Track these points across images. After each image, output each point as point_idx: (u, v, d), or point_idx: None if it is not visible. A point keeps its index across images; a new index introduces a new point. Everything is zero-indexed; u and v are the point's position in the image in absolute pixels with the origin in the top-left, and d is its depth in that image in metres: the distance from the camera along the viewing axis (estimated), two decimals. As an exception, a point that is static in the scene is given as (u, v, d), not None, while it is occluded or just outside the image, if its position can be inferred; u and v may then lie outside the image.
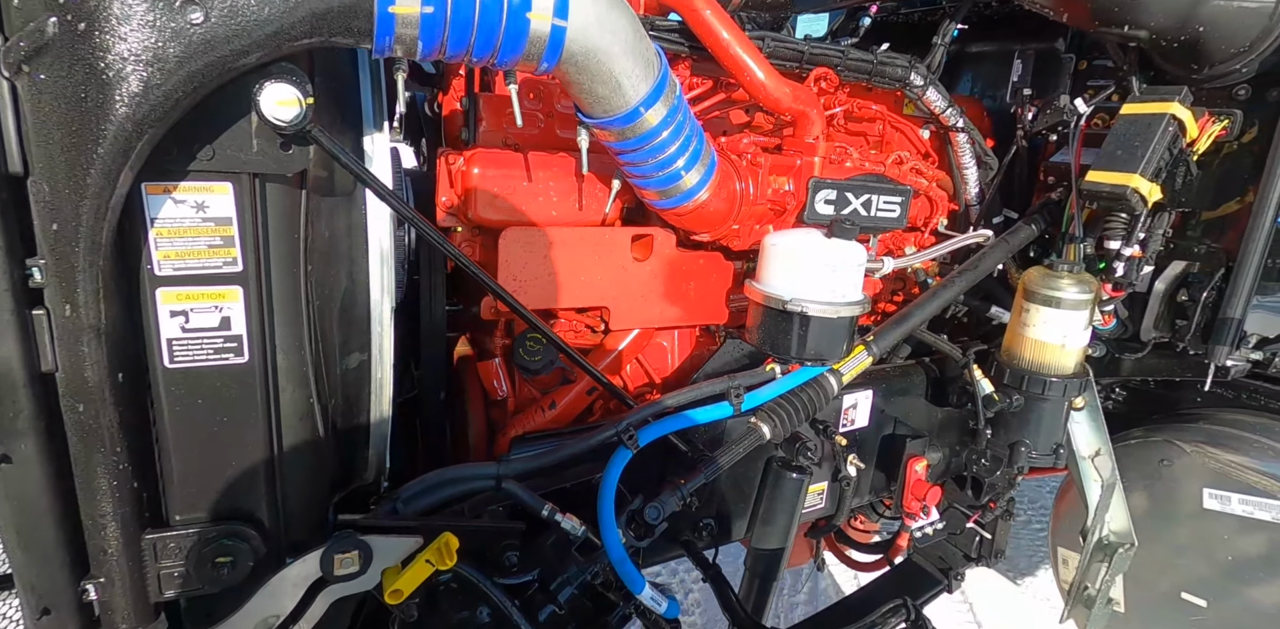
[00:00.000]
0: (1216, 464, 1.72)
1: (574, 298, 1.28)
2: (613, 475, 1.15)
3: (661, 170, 1.11)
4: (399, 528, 0.99)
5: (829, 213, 1.44)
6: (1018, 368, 1.56)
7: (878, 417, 1.68)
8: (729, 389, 1.24)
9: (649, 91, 0.99)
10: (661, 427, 1.20)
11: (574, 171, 1.24)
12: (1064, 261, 1.51)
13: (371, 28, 0.79)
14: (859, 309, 1.24)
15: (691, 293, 1.38)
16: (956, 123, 1.81)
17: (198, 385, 0.91)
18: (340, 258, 1.02)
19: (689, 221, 1.25)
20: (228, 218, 0.87)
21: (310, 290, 0.97)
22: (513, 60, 0.89)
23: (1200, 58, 1.49)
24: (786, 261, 1.20)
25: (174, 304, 0.87)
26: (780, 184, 1.38)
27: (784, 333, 1.23)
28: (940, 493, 1.63)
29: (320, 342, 1.00)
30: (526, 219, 1.21)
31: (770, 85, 1.34)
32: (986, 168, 1.92)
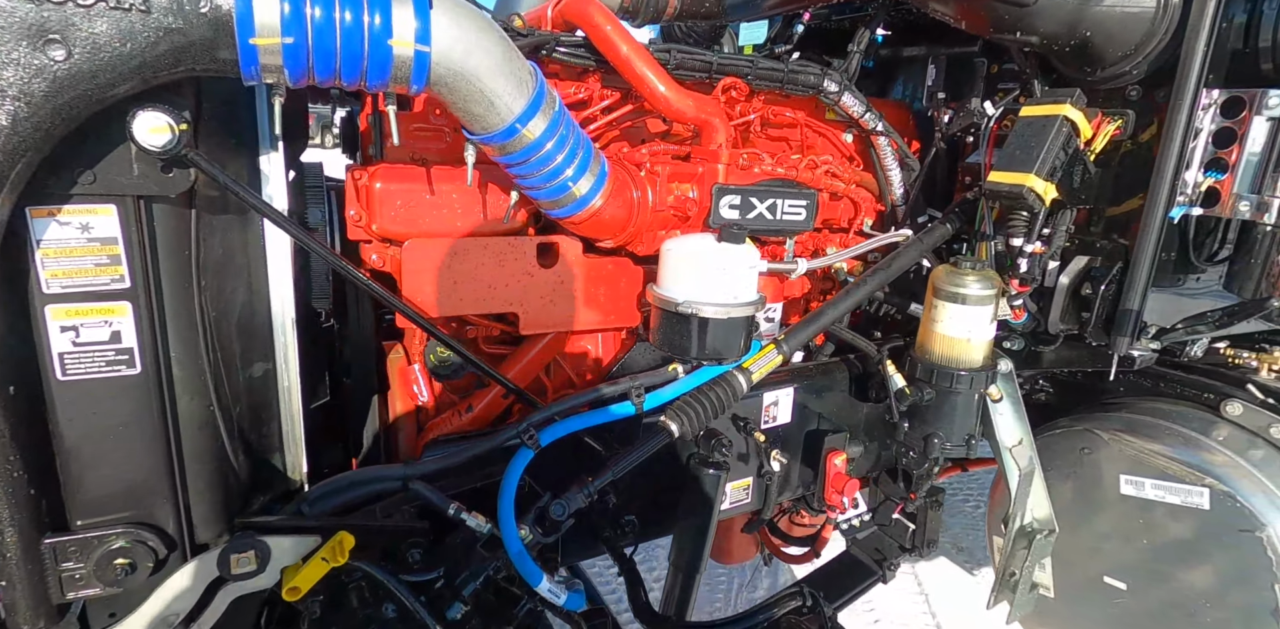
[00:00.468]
0: (1132, 451, 1.77)
1: (482, 304, 1.33)
2: (513, 474, 1.20)
3: (550, 181, 1.16)
4: (296, 528, 1.04)
5: (734, 217, 1.49)
6: (928, 362, 1.61)
7: (800, 413, 1.73)
8: (630, 389, 1.29)
9: (524, 108, 1.05)
10: (563, 427, 1.25)
11: (477, 184, 1.29)
12: (967, 259, 1.57)
13: (236, 59, 0.84)
14: (752, 309, 1.30)
15: (601, 297, 1.44)
16: (876, 126, 1.87)
17: (91, 397, 0.96)
18: (237, 272, 1.07)
19: (586, 229, 1.30)
20: (113, 237, 0.92)
21: (205, 304, 1.02)
22: (381, 84, 0.94)
23: (1092, 60, 1.55)
24: (680, 265, 1.26)
25: (63, 320, 0.92)
26: (685, 191, 1.44)
27: (681, 334, 1.29)
28: (859, 485, 1.68)
29: (219, 352, 1.05)
30: (430, 231, 1.27)
31: (671, 97, 1.40)
32: (909, 169, 1.98)
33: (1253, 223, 1.48)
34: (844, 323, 1.87)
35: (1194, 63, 1.44)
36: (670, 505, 1.60)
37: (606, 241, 1.37)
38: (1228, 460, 1.67)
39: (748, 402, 1.64)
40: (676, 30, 2.52)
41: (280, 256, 1.11)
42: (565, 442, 1.32)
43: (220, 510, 1.09)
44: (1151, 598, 1.76)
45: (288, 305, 1.11)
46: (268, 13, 0.82)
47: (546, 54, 1.39)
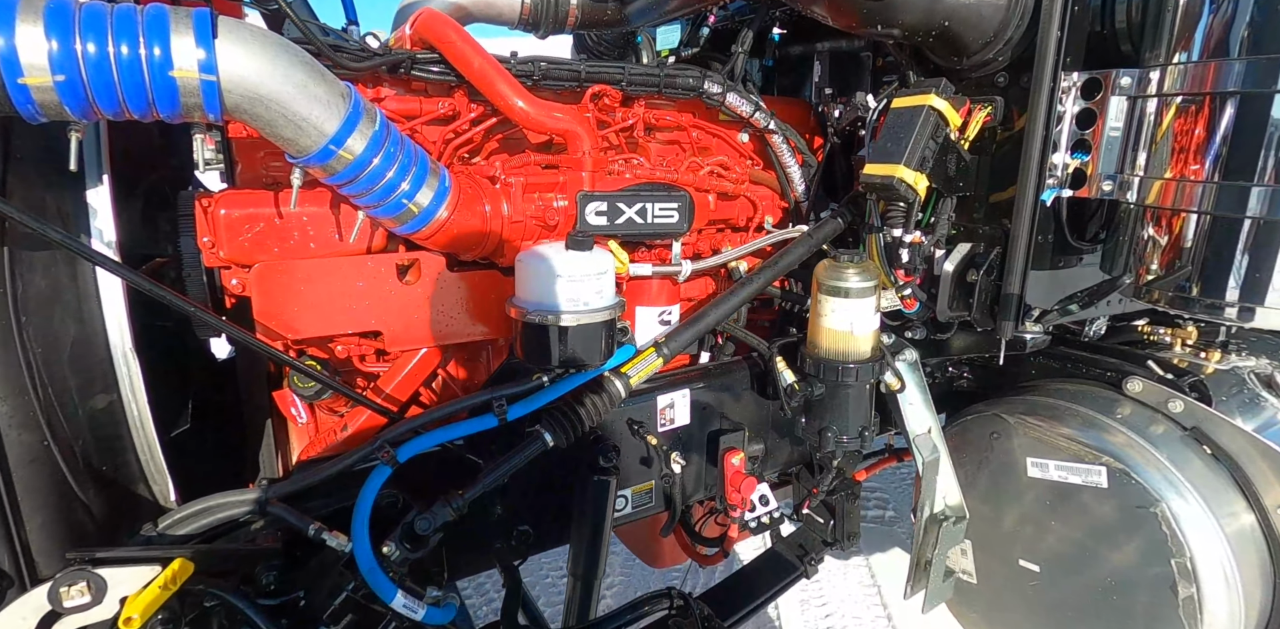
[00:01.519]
0: (1036, 433, 1.78)
1: (343, 324, 1.34)
2: (369, 492, 1.20)
3: (385, 198, 1.17)
4: (130, 559, 1.04)
5: (603, 224, 1.50)
6: (816, 356, 1.62)
7: (700, 414, 1.74)
8: (491, 400, 1.30)
9: (338, 128, 1.06)
10: (422, 441, 1.26)
11: (330, 204, 1.30)
12: (846, 252, 1.58)
13: (9, 100, 0.85)
14: (607, 314, 1.30)
15: (469, 310, 1.45)
16: (768, 125, 1.89)
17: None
18: (66, 306, 1.08)
19: (438, 243, 1.31)
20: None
21: (29, 340, 1.03)
22: (174, 115, 0.95)
23: (958, 49, 1.56)
24: (530, 275, 1.27)
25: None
26: (550, 200, 1.45)
27: (539, 343, 1.29)
28: (755, 484, 1.68)
29: (48, 387, 1.06)
30: (281, 254, 1.27)
31: (528, 110, 1.41)
32: (809, 166, 1.99)
33: (1117, 202, 1.49)
34: (741, 321, 1.88)
35: (1049, 46, 1.45)
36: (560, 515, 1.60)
37: (467, 255, 1.38)
38: (1125, 439, 1.68)
39: (642, 405, 1.64)
40: (588, 39, 2.54)
41: (113, 288, 1.12)
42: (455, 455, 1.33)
43: (68, 544, 1.10)
44: (1063, 579, 1.76)
45: (125, 336, 1.12)
46: (32, 52, 0.83)
47: (405, 72, 1.40)
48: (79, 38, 0.85)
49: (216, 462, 1.48)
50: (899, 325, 1.85)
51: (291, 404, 1.41)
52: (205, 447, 1.44)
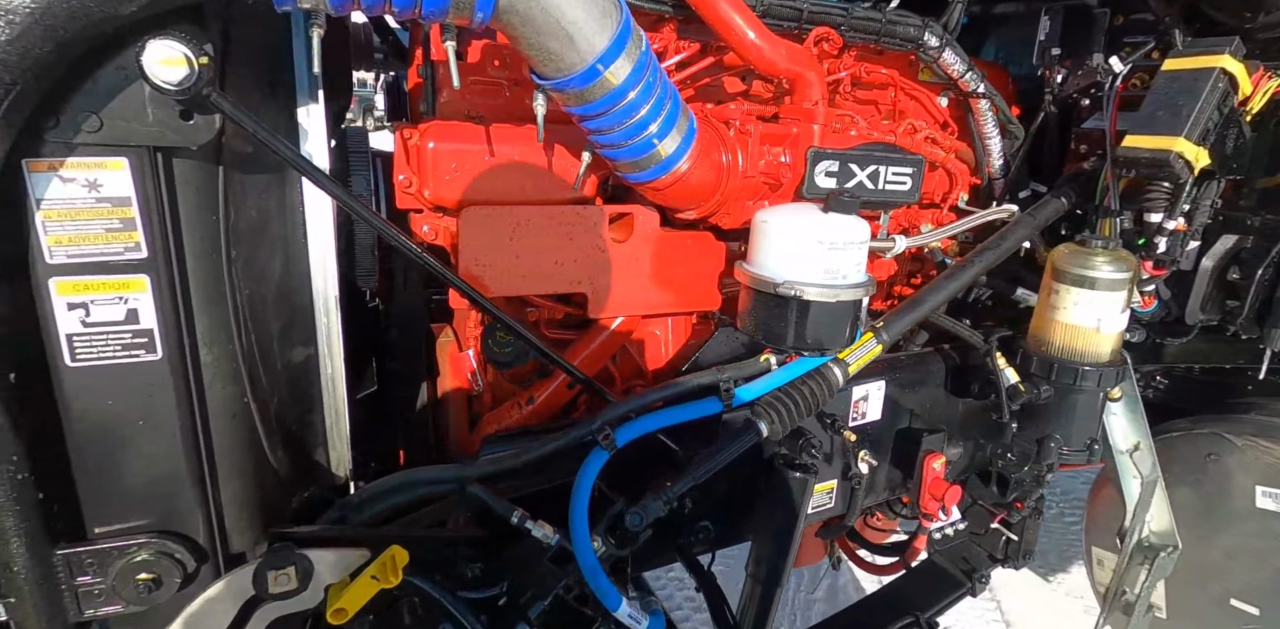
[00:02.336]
0: (1271, 459, 1.56)
1: (546, 283, 1.17)
2: (586, 480, 1.04)
3: (632, 138, 0.99)
4: (341, 540, 0.89)
5: (831, 186, 1.30)
6: (1046, 355, 1.41)
7: (892, 409, 1.55)
8: (718, 383, 1.12)
9: (608, 45, 0.87)
10: (641, 424, 1.09)
11: (542, 144, 1.13)
12: (1097, 237, 1.36)
13: (267, -28, 0.68)
14: (862, 292, 1.11)
15: (678, 276, 1.26)
16: (977, 88, 1.65)
17: (105, 385, 0.82)
18: (274, 241, 0.92)
19: (670, 196, 1.12)
20: (125, 197, 0.77)
21: (236, 276, 0.87)
22: (440, 11, 0.77)
23: (1255, 4, 1.32)
24: (779, 240, 1.08)
25: (71, 296, 0.78)
26: (776, 155, 1.25)
27: (778, 320, 1.11)
28: (960, 492, 1.49)
29: (253, 333, 0.90)
30: (490, 197, 1.10)
31: (763, 46, 1.21)
32: (1011, 137, 1.76)
33: None
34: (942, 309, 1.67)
35: (1388, 2, 1.20)
36: (746, 509, 1.44)
37: (688, 212, 1.19)
38: (1392, 474, 1.44)
39: (837, 396, 1.46)
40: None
41: (322, 224, 0.96)
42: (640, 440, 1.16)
43: (257, 515, 0.95)
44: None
45: (331, 280, 0.96)
46: (307, -86, 0.65)
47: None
48: (359, -99, 0.67)
49: (370, 427, 1.33)
50: (1117, 325, 1.63)
51: (470, 370, 1.26)
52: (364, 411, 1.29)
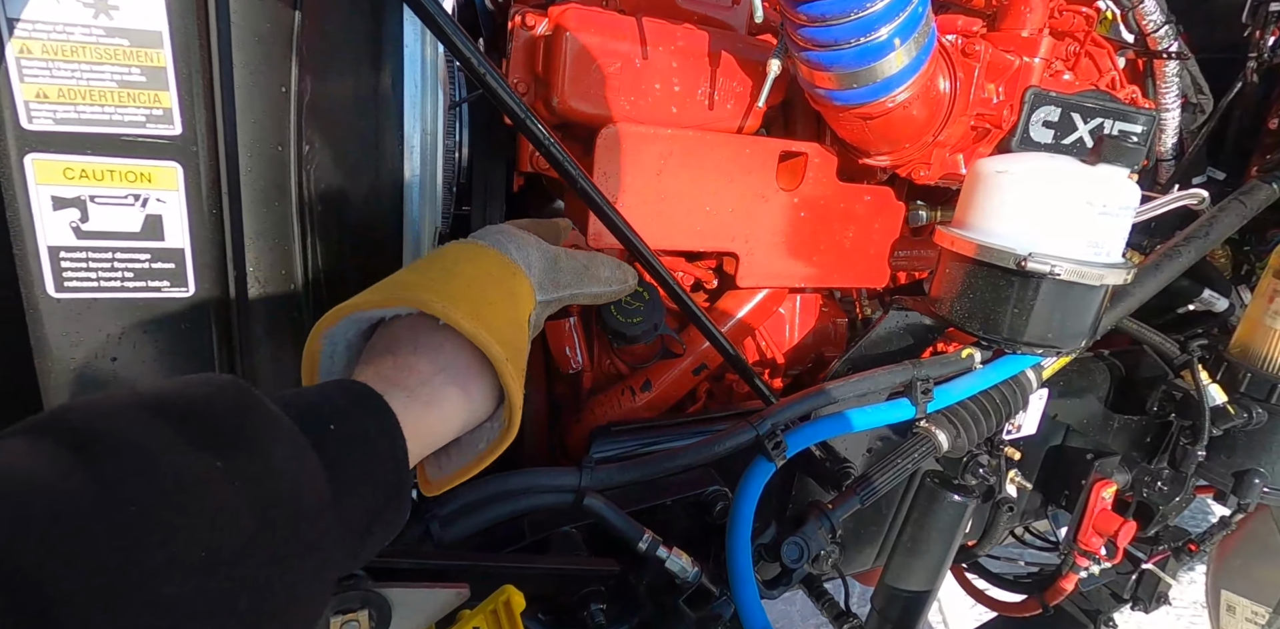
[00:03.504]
0: None
1: (693, 237, 0.88)
2: (749, 500, 0.77)
3: (860, 36, 0.70)
4: (432, 572, 0.62)
5: (1048, 140, 1.02)
6: (1264, 373, 1.15)
7: (1047, 424, 1.28)
8: (914, 381, 0.85)
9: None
10: (817, 429, 0.82)
11: (704, 51, 0.84)
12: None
13: None
14: (1125, 274, 0.83)
15: (849, 242, 0.98)
16: (1170, 46, 1.37)
17: (106, 331, 0.53)
18: (362, 139, 0.64)
19: (875, 130, 0.84)
20: (154, 34, 0.48)
21: (309, 188, 0.59)
22: None
23: None
24: (1031, 197, 0.79)
25: (59, 186, 0.49)
26: (990, 92, 0.96)
27: (1006, 303, 0.83)
28: (1135, 529, 1.23)
29: (321, 268, 0.62)
30: (634, 114, 0.82)
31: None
32: (1194, 111, 1.48)
33: None
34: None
35: None
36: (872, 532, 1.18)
37: (881, 158, 0.91)
38: None
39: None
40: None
41: (425, 124, 0.67)
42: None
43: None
44: None
45: (434, 205, 0.68)
46: None
47: None
48: None
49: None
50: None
51: (569, 342, 0.97)
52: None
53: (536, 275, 0.63)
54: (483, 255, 0.59)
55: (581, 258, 0.70)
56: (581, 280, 0.68)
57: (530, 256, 0.63)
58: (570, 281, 0.66)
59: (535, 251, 0.64)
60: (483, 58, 0.57)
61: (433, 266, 0.57)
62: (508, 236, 0.63)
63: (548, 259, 0.65)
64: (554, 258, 0.66)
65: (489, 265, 0.59)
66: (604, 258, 0.73)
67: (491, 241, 0.61)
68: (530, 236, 0.65)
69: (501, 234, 0.63)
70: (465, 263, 0.58)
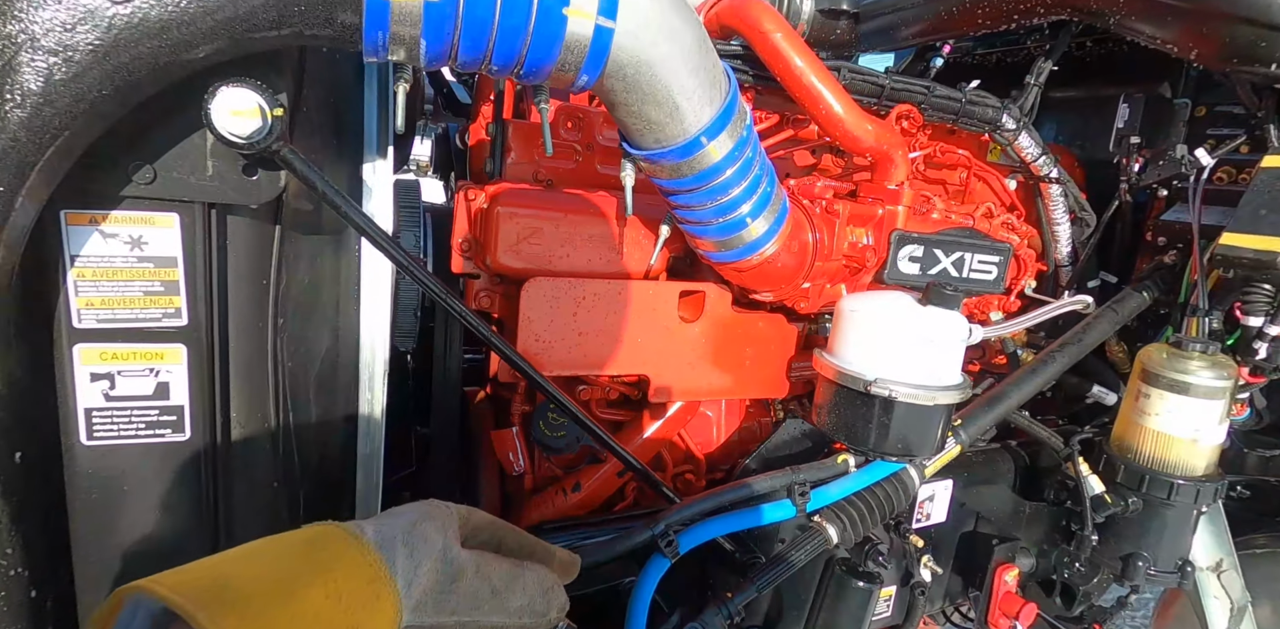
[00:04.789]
0: (1370, 586, 1.41)
1: (608, 363, 1.07)
2: (645, 592, 0.91)
3: (723, 216, 0.91)
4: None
5: (913, 272, 1.21)
6: (1135, 464, 1.29)
7: (957, 511, 1.42)
8: (792, 485, 1.01)
9: (714, 117, 0.80)
10: (708, 529, 0.97)
11: (615, 214, 1.05)
12: (1194, 339, 1.26)
13: (359, 21, 0.61)
14: (959, 394, 1.00)
15: (747, 361, 1.16)
16: (1050, 172, 1.59)
17: (123, 468, 0.71)
18: (324, 311, 0.83)
19: (751, 278, 1.04)
20: (171, 258, 0.68)
21: (281, 350, 0.78)
22: (543, 70, 0.70)
23: (1363, 102, 1.25)
24: (872, 332, 0.98)
25: (96, 365, 0.68)
26: (858, 237, 1.17)
27: (864, 420, 1.00)
28: (1035, 611, 1.34)
29: (289, 415, 0.80)
30: (555, 268, 1.02)
31: (850, 121, 1.14)
32: (1082, 224, 1.69)
33: None
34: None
35: None
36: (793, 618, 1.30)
37: (765, 294, 1.10)
38: None
39: (902, 497, 1.33)
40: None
41: (379, 292, 0.86)
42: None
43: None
44: None
45: (381, 354, 0.87)
46: (415, -38, 0.59)
47: (701, 64, 1.15)
48: (473, -48, 0.60)
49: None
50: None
51: (512, 449, 1.14)
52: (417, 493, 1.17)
53: (416, 594, 0.54)
54: (334, 560, 0.51)
55: (499, 579, 0.60)
56: (480, 608, 0.58)
57: (416, 567, 0.54)
58: (464, 608, 0.57)
59: (428, 561, 0.55)
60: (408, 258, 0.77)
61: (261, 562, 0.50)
62: (396, 529, 0.55)
63: (445, 575, 0.56)
64: (456, 574, 0.57)
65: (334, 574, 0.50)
66: (533, 581, 0.64)
67: (372, 537, 0.53)
68: (439, 537, 0.57)
69: (389, 525, 0.56)
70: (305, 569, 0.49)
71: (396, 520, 0.57)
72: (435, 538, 0.57)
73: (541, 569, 0.67)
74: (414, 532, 0.56)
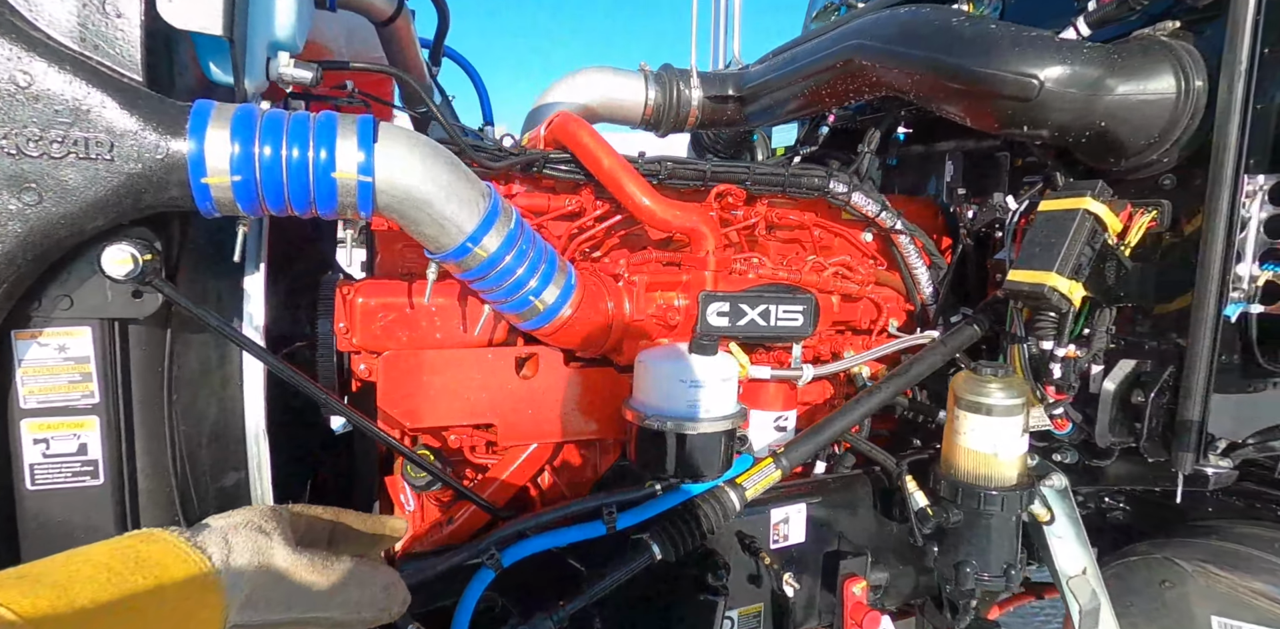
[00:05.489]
0: (1224, 588, 1.51)
1: (461, 415, 1.33)
2: (470, 597, 1.15)
3: (513, 294, 1.18)
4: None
5: (724, 325, 1.45)
6: (953, 479, 1.47)
7: (817, 532, 1.60)
8: (601, 507, 1.24)
9: (476, 227, 1.09)
10: (528, 545, 1.20)
11: (458, 297, 1.34)
12: (988, 365, 1.45)
13: (191, 197, 0.93)
14: (729, 423, 1.23)
15: (583, 408, 1.41)
16: (894, 225, 1.82)
17: (56, 506, 1.01)
18: (211, 386, 1.13)
19: (560, 340, 1.30)
20: (85, 357, 1.00)
21: (175, 417, 1.08)
22: (332, 212, 1.01)
23: (1114, 151, 1.47)
24: (650, 378, 1.22)
25: (37, 433, 1.00)
26: (670, 300, 1.43)
27: (654, 450, 1.23)
28: (879, 619, 1.49)
29: (187, 464, 1.09)
30: (410, 343, 1.30)
31: (654, 208, 1.42)
32: (937, 268, 1.90)
33: (1324, 322, 1.30)
34: (865, 432, 1.74)
35: (1228, 148, 1.32)
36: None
37: (585, 352, 1.36)
38: (1346, 605, 1.39)
39: (755, 518, 1.53)
40: (705, 137, 2.61)
41: (255, 371, 1.16)
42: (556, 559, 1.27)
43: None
44: None
45: (260, 418, 1.16)
46: (218, 156, 0.91)
47: (538, 170, 1.46)
48: (258, 142, 0.92)
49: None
50: (1046, 447, 1.66)
51: (401, 491, 1.41)
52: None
53: (244, 590, 0.57)
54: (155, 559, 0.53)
55: (337, 575, 0.63)
56: (317, 603, 0.61)
57: (242, 567, 0.57)
58: (301, 602, 0.60)
59: (255, 560, 0.58)
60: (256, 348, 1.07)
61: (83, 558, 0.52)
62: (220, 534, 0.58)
63: (274, 573, 0.59)
64: (284, 571, 0.59)
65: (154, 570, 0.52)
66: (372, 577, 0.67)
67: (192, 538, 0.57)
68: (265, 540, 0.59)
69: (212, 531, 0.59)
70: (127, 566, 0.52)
71: (221, 522, 0.62)
72: (262, 538, 0.60)
73: (382, 567, 0.72)
74: (239, 532, 0.60)
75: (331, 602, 0.62)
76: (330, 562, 0.64)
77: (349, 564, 0.66)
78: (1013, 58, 1.37)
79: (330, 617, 0.63)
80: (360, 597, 0.65)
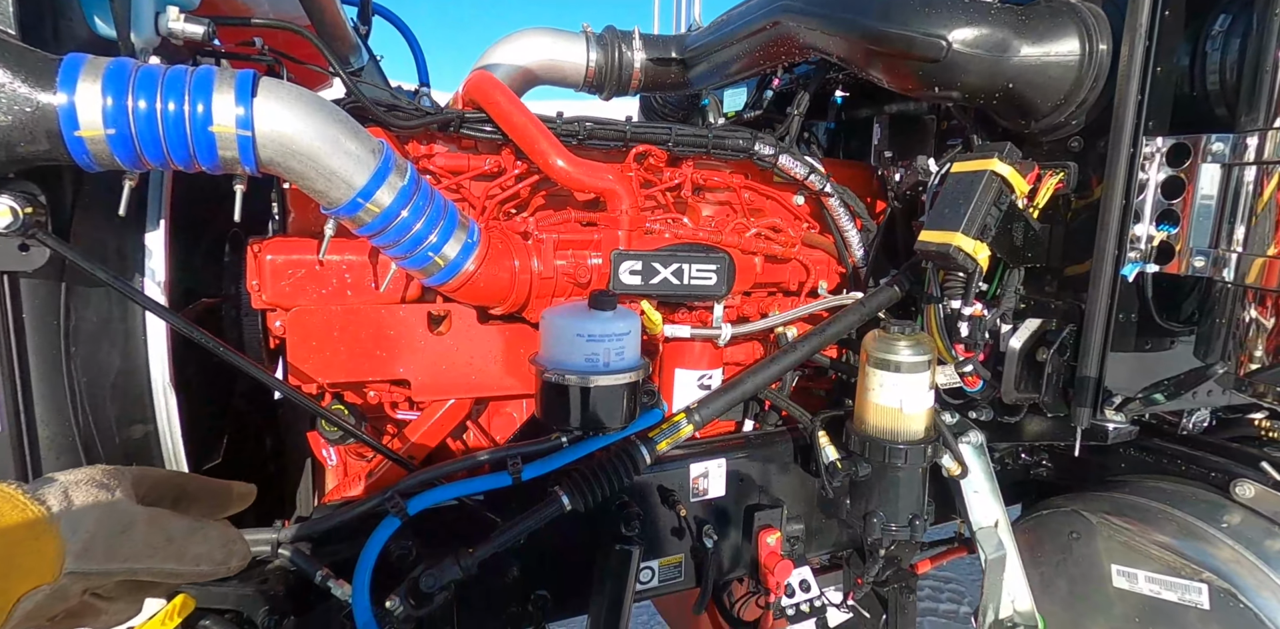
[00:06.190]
0: (1123, 537, 1.57)
1: (373, 371, 1.36)
2: (374, 543, 1.19)
3: (412, 249, 1.20)
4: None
5: (637, 283, 1.48)
6: (863, 433, 1.51)
7: (737, 486, 1.64)
8: (506, 458, 1.27)
9: (366, 182, 1.10)
10: (433, 495, 1.24)
11: (368, 254, 1.35)
12: (896, 323, 1.48)
13: (66, 151, 0.94)
14: (630, 376, 1.26)
15: (498, 364, 1.44)
16: (823, 188, 1.84)
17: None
18: (113, 339, 1.16)
19: (465, 295, 1.33)
20: (-20, 310, 1.02)
21: (75, 370, 1.10)
22: (215, 166, 1.02)
23: (1025, 112, 1.48)
24: (552, 333, 1.25)
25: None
26: (583, 258, 1.45)
27: (558, 403, 1.27)
28: (790, 567, 1.55)
29: (89, 414, 1.12)
30: (321, 300, 1.33)
31: (567, 168, 1.43)
32: (867, 231, 1.92)
33: (1213, 280, 1.33)
34: (786, 389, 1.78)
35: (1128, 109, 1.34)
36: (584, 582, 1.54)
37: (495, 309, 1.39)
38: (1232, 553, 1.45)
39: (674, 472, 1.57)
40: (654, 101, 2.60)
41: (159, 325, 1.19)
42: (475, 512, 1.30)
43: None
44: (1157, 711, 1.51)
45: (165, 370, 1.18)
46: (90, 109, 0.92)
47: (455, 130, 1.47)
48: (131, 95, 0.93)
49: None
50: (962, 404, 1.70)
51: (323, 445, 1.44)
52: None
53: (81, 539, 0.59)
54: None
55: (177, 530, 0.67)
56: (155, 555, 0.64)
57: (80, 516, 0.59)
58: (138, 554, 0.63)
59: (94, 511, 0.60)
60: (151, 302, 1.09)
61: None
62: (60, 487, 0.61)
63: (113, 524, 0.61)
64: (126, 524, 0.62)
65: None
66: (212, 533, 0.71)
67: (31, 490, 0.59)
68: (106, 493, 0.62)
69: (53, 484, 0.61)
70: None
71: (64, 477, 0.65)
72: (103, 492, 0.64)
73: (223, 525, 0.76)
74: (80, 486, 0.63)
75: (168, 554, 0.66)
76: (170, 518, 0.68)
77: (188, 521, 0.70)
78: (921, 18, 1.38)
79: (166, 568, 0.66)
80: (199, 551, 0.69)
